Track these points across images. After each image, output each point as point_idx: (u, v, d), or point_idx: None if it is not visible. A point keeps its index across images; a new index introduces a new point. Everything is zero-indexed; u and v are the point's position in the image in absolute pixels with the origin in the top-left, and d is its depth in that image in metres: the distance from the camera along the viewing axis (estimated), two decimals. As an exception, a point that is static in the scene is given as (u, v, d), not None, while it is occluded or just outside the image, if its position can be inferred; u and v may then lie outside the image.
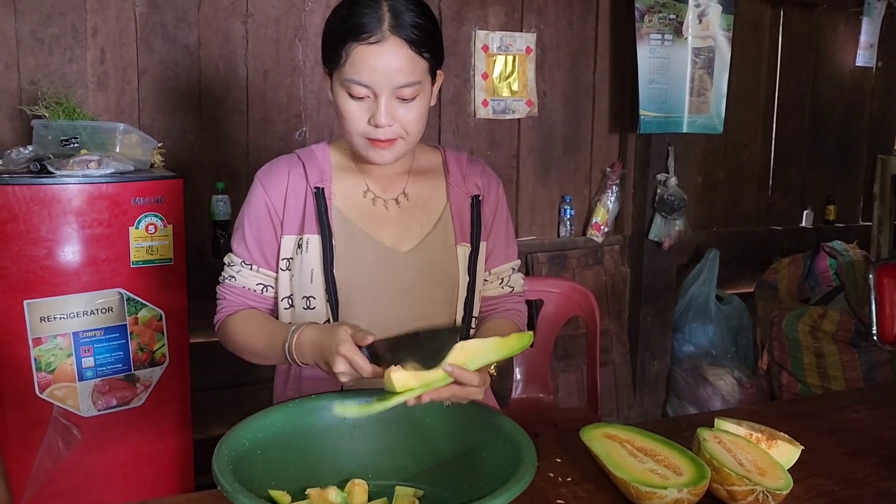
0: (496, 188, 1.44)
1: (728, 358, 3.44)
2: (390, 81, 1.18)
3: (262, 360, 1.32)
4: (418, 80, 1.21)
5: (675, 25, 3.12)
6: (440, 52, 1.26)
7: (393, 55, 1.17)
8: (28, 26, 2.44)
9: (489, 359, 1.10)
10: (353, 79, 1.19)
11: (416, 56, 1.19)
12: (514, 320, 1.44)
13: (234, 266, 1.35)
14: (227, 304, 1.36)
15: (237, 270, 1.35)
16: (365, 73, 1.18)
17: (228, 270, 1.36)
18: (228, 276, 1.36)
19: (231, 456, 1.02)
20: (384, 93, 1.19)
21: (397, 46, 1.18)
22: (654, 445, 1.21)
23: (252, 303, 1.36)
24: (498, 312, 1.44)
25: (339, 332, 1.10)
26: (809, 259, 3.47)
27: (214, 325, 1.38)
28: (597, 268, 3.39)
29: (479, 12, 3.07)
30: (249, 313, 1.35)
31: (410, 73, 1.19)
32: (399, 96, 1.20)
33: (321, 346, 1.13)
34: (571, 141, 3.33)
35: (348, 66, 1.19)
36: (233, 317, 1.35)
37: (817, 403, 1.66)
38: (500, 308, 1.45)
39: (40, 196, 1.96)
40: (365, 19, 1.17)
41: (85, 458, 2.07)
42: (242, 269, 1.34)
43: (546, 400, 2.62)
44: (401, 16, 1.18)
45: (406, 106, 1.22)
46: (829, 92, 3.98)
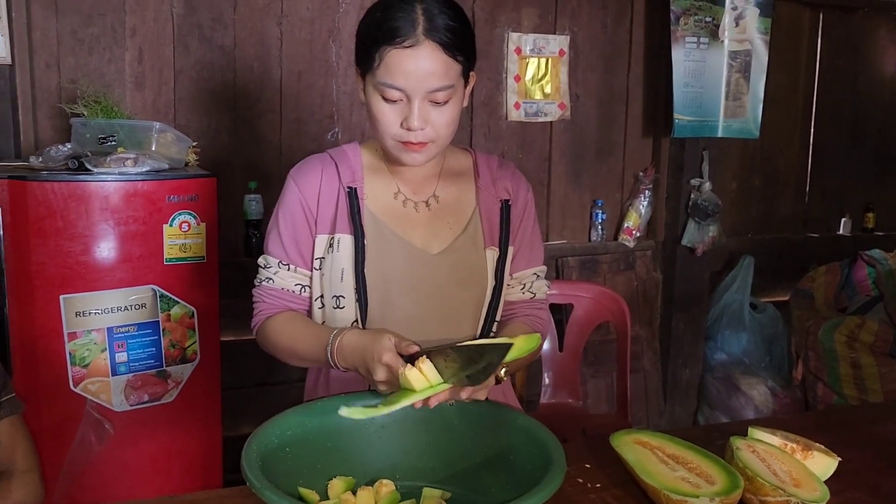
0: (525, 192, 1.43)
1: (762, 367, 3.38)
2: (424, 85, 1.18)
3: (303, 362, 1.32)
4: (451, 84, 1.21)
5: (712, 28, 3.08)
6: (473, 55, 1.26)
7: (427, 59, 1.17)
8: (69, 26, 2.49)
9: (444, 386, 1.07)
10: (386, 82, 1.19)
11: (449, 59, 1.19)
12: (534, 326, 1.43)
13: (271, 268, 1.35)
14: (266, 307, 1.35)
15: (274, 272, 1.34)
16: (399, 76, 1.18)
17: (264, 272, 1.36)
18: (265, 279, 1.35)
19: (260, 453, 1.02)
20: (417, 96, 1.19)
21: (431, 50, 1.17)
22: (686, 453, 1.18)
23: (291, 304, 1.35)
24: (518, 318, 1.43)
25: (383, 339, 1.10)
26: (847, 268, 3.40)
27: (252, 328, 1.38)
28: (628, 273, 3.35)
29: (513, 14, 3.06)
30: (289, 315, 1.34)
31: (444, 77, 1.19)
32: (432, 100, 1.20)
33: (363, 352, 1.13)
34: (604, 145, 3.30)
35: (382, 70, 1.19)
36: (272, 319, 1.34)
37: (853, 414, 1.62)
38: (520, 313, 1.43)
39: (78, 193, 1.99)
40: (399, 23, 1.17)
41: (116, 453, 2.09)
42: (280, 270, 1.34)
43: (575, 405, 2.60)
44: (435, 19, 1.18)
45: (439, 109, 1.21)
46: (869, 97, 3.89)
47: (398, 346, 1.09)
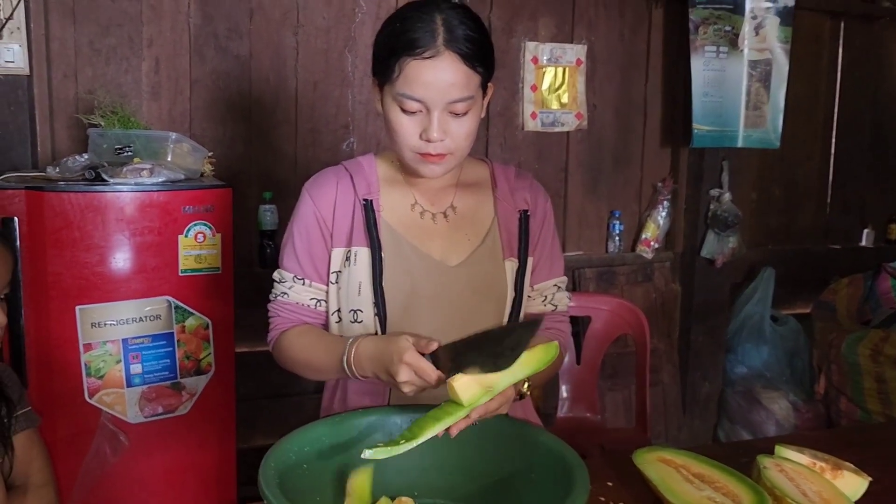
0: (544, 203, 1.41)
1: (783, 381, 3.32)
2: (444, 97, 1.16)
3: (320, 374, 1.30)
4: (471, 95, 1.19)
5: (731, 37, 3.05)
6: (492, 66, 1.24)
7: (447, 70, 1.15)
8: (86, 37, 2.50)
9: (516, 376, 1.06)
10: (406, 93, 1.17)
11: (469, 71, 1.17)
12: (555, 339, 1.39)
13: (286, 282, 1.33)
14: (281, 322, 1.34)
15: (289, 286, 1.33)
16: (419, 87, 1.16)
17: (279, 287, 1.34)
18: (280, 293, 1.34)
19: (278, 469, 1.00)
20: (437, 108, 1.17)
21: (452, 61, 1.16)
22: (712, 472, 1.15)
23: (306, 318, 1.34)
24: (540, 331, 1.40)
25: (400, 340, 1.07)
26: (870, 280, 3.34)
27: (268, 343, 1.37)
28: (646, 285, 3.31)
29: (529, 24, 3.04)
30: (304, 328, 1.32)
31: (464, 88, 1.17)
32: (452, 111, 1.18)
33: (381, 356, 1.10)
34: (621, 155, 3.27)
35: (401, 81, 1.17)
36: (287, 333, 1.33)
37: (882, 432, 1.58)
38: (543, 327, 1.39)
39: (94, 203, 1.99)
40: (419, 34, 1.15)
41: (130, 465, 2.08)
42: (295, 285, 1.32)
43: (593, 419, 2.56)
44: (455, 30, 1.16)
45: (458, 121, 1.19)
46: (891, 107, 3.84)
47: (417, 344, 1.06)
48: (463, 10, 1.20)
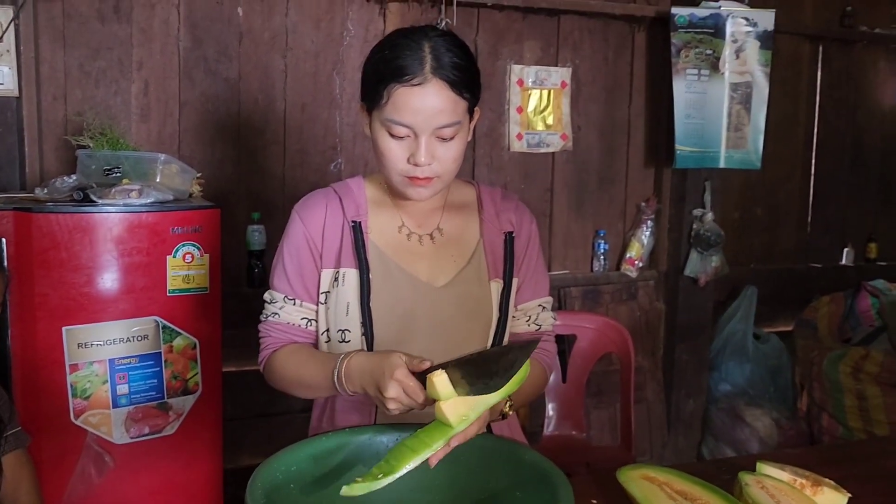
0: (529, 224, 1.43)
1: (766, 398, 3.35)
2: (431, 122, 1.19)
3: (311, 391, 1.31)
4: (458, 121, 1.22)
5: (712, 61, 3.11)
6: (479, 91, 1.27)
7: (435, 97, 1.18)
8: (76, 60, 2.52)
9: (495, 397, 1.06)
10: (394, 119, 1.20)
11: (456, 97, 1.20)
12: (539, 360, 1.41)
13: (277, 303, 1.35)
14: (272, 342, 1.35)
15: (280, 307, 1.34)
16: (407, 114, 1.19)
17: (270, 308, 1.36)
18: (271, 314, 1.36)
19: (265, 489, 1.01)
20: (425, 133, 1.20)
21: (439, 88, 1.18)
22: (694, 489, 1.17)
23: (297, 338, 1.35)
24: None
25: (392, 357, 1.08)
26: (850, 298, 3.39)
27: (259, 363, 1.38)
28: (631, 303, 3.34)
29: (515, 47, 3.09)
30: (295, 347, 1.34)
31: (451, 114, 1.20)
32: (439, 136, 1.21)
33: (372, 371, 1.11)
34: (606, 175, 3.32)
35: (390, 107, 1.20)
36: (278, 352, 1.34)
37: (862, 448, 1.61)
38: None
39: (82, 224, 2.00)
40: (407, 61, 1.18)
41: (116, 486, 2.07)
42: (286, 305, 1.34)
43: (578, 437, 2.57)
44: (442, 57, 1.19)
45: (445, 145, 1.22)
46: (870, 128, 3.92)
47: (409, 363, 1.07)
48: (451, 37, 1.23)
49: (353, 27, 2.83)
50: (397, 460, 1.01)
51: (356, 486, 0.98)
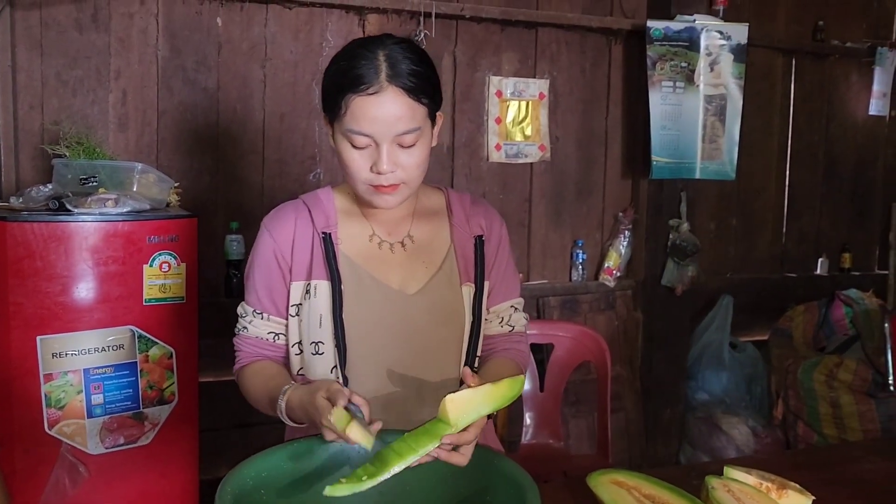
0: (499, 228, 1.45)
1: (742, 406, 3.38)
2: (391, 130, 1.20)
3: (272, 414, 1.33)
4: (418, 126, 1.23)
5: (687, 73, 3.16)
6: (438, 96, 1.28)
7: (392, 104, 1.19)
8: (54, 69, 2.52)
9: (481, 412, 1.08)
10: (353, 129, 1.21)
11: (414, 103, 1.21)
12: (515, 360, 1.43)
13: (247, 317, 1.37)
14: (243, 356, 1.38)
15: (249, 321, 1.37)
16: (365, 123, 1.20)
17: (242, 322, 1.38)
18: (242, 328, 1.38)
19: (234, 495, 1.02)
20: (385, 141, 1.21)
21: (396, 95, 1.20)
22: (662, 493, 1.19)
23: (265, 352, 1.37)
24: (497, 352, 1.43)
25: (318, 401, 1.10)
26: (825, 307, 3.44)
27: (234, 375, 1.41)
28: (609, 313, 3.37)
29: (493, 58, 3.12)
30: (256, 368, 1.36)
31: (410, 121, 1.21)
32: (400, 143, 1.22)
33: (307, 411, 1.14)
34: (584, 185, 3.35)
35: (348, 117, 1.21)
36: (245, 369, 1.37)
37: (830, 454, 1.63)
38: (499, 347, 1.44)
39: (57, 233, 1.99)
40: (362, 70, 1.19)
41: (91, 496, 2.05)
42: (254, 319, 1.36)
43: (556, 446, 2.59)
44: (397, 65, 1.20)
45: (408, 152, 1.23)
46: (843, 140, 3.98)
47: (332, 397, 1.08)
48: (407, 44, 1.25)
49: (333, 38, 2.85)
50: (383, 463, 1.03)
51: (340, 487, 1.00)
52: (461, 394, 1.07)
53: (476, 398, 1.08)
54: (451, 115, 3.08)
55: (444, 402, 1.06)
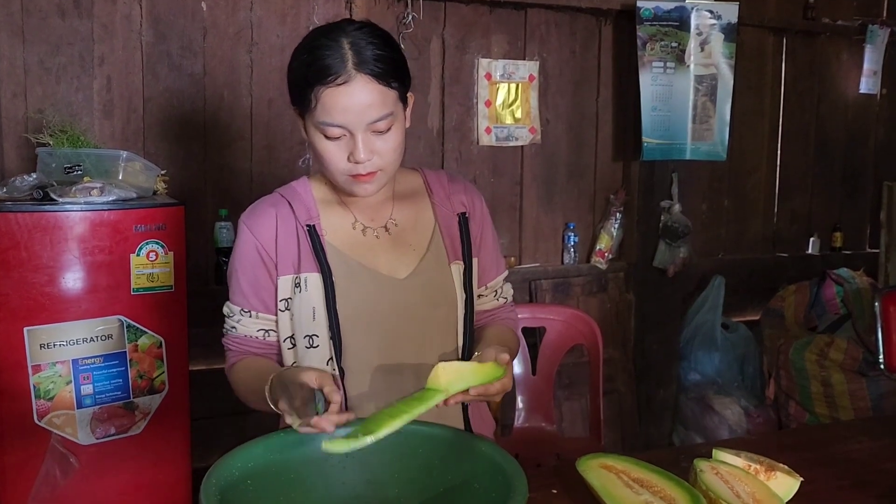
0: (480, 204, 1.45)
1: (734, 387, 3.40)
2: (363, 118, 1.18)
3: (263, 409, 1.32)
4: (390, 112, 1.21)
5: (678, 53, 3.14)
6: (407, 78, 1.26)
7: (362, 92, 1.17)
8: (36, 56, 2.48)
9: (467, 383, 1.10)
10: (326, 121, 1.19)
11: (384, 88, 1.19)
12: (513, 328, 1.50)
13: (234, 316, 1.35)
14: (233, 356, 1.37)
15: (237, 320, 1.35)
16: (337, 114, 1.18)
17: (229, 321, 1.37)
18: (230, 328, 1.37)
19: (220, 486, 1.01)
20: (359, 130, 1.19)
21: (365, 83, 1.17)
22: (651, 476, 1.19)
23: (255, 350, 1.36)
24: (497, 321, 1.48)
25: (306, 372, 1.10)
26: (816, 287, 3.44)
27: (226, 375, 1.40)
28: (601, 295, 3.37)
29: (482, 41, 3.10)
30: (244, 364, 1.35)
31: (382, 107, 1.19)
32: (374, 130, 1.20)
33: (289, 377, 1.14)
34: (575, 168, 3.34)
35: (319, 110, 1.19)
36: (235, 367, 1.36)
37: (819, 434, 1.64)
38: (498, 318, 1.48)
39: (42, 223, 1.97)
40: (328, 61, 1.17)
41: (83, 487, 2.05)
42: (242, 318, 1.34)
43: (549, 429, 2.59)
44: (363, 51, 1.18)
45: (383, 138, 1.22)
46: (834, 119, 3.97)
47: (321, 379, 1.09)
48: (369, 28, 1.22)
49: (320, 21, 2.81)
50: (376, 424, 1.02)
51: (338, 443, 0.99)
52: (452, 363, 1.09)
53: (465, 370, 1.10)
54: (441, 98, 3.06)
55: (435, 368, 1.07)
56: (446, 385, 1.07)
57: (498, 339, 1.39)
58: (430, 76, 3.02)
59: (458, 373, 1.09)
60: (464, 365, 1.11)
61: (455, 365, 1.10)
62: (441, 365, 1.08)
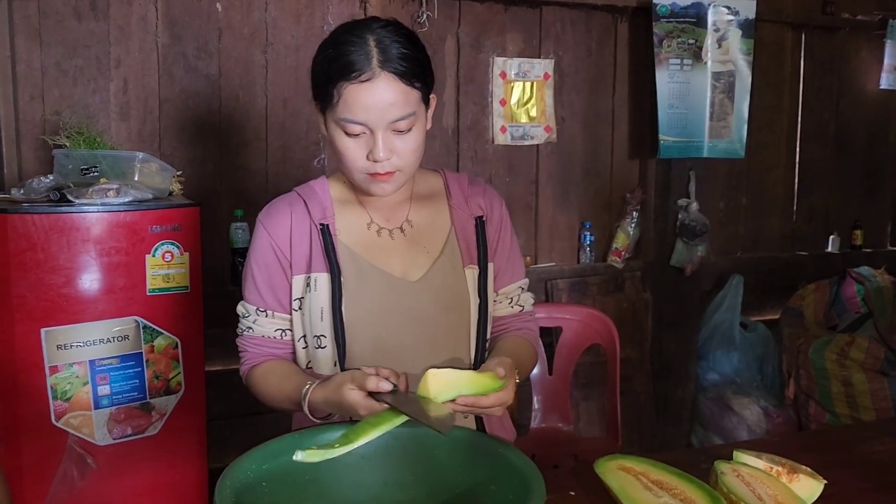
0: (499, 207, 1.42)
1: (753, 386, 3.36)
2: (385, 117, 1.18)
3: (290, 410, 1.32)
4: (412, 112, 1.20)
5: (695, 50, 3.11)
6: (431, 79, 1.25)
7: (385, 91, 1.16)
8: (54, 58, 2.50)
9: (458, 393, 1.08)
10: (347, 118, 1.18)
11: (407, 88, 1.18)
12: (528, 339, 1.43)
13: (250, 316, 1.34)
14: (250, 356, 1.36)
15: (253, 320, 1.34)
16: (359, 111, 1.17)
17: (245, 322, 1.35)
18: (245, 328, 1.35)
19: (235, 489, 1.00)
20: (380, 128, 1.18)
21: (389, 82, 1.16)
22: (670, 478, 1.17)
23: (273, 350, 1.35)
24: (511, 331, 1.43)
25: (348, 395, 1.09)
26: (836, 285, 3.40)
27: (241, 376, 1.39)
28: (618, 294, 3.34)
29: (497, 39, 3.08)
30: (268, 368, 1.33)
31: (405, 106, 1.18)
32: (395, 129, 1.19)
33: (340, 407, 1.13)
34: (591, 166, 3.31)
35: (341, 106, 1.18)
36: (255, 370, 1.35)
37: (842, 435, 1.61)
38: (512, 327, 1.43)
39: (59, 224, 1.98)
40: (353, 57, 1.16)
41: (100, 487, 2.06)
42: (258, 318, 1.34)
43: (565, 430, 2.57)
44: (388, 49, 1.17)
45: (403, 138, 1.21)
46: (854, 115, 3.92)
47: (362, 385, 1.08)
48: (395, 26, 1.21)
49: (334, 21, 2.81)
50: (356, 434, 1.03)
51: (311, 453, 1.00)
52: (444, 370, 1.07)
53: (458, 379, 1.08)
54: (456, 97, 3.04)
55: (426, 374, 1.06)
56: (435, 393, 1.06)
57: (510, 352, 1.34)
58: (444, 75, 3.01)
59: (450, 381, 1.07)
60: (457, 373, 1.08)
61: (447, 372, 1.07)
62: (432, 371, 1.06)
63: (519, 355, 1.34)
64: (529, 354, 1.41)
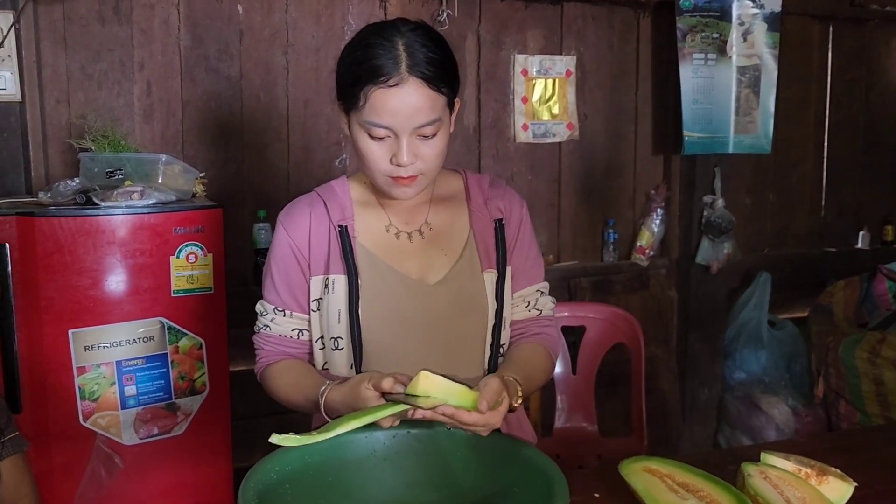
0: (519, 209, 1.40)
1: (782, 385, 3.31)
2: (411, 122, 1.17)
3: (305, 412, 1.32)
4: (438, 117, 1.19)
5: (719, 44, 3.07)
6: (456, 83, 1.24)
7: (412, 96, 1.16)
8: (78, 63, 2.52)
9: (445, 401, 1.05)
10: (373, 121, 1.18)
11: (434, 93, 1.18)
12: (544, 345, 1.40)
13: (268, 315, 1.35)
14: (266, 354, 1.36)
15: (271, 319, 1.34)
16: (385, 115, 1.16)
17: (262, 320, 1.36)
18: (263, 326, 1.36)
19: (258, 490, 1.01)
20: (405, 133, 1.18)
21: (416, 87, 1.16)
22: (696, 481, 1.16)
23: (289, 349, 1.35)
24: (526, 337, 1.40)
25: (363, 393, 1.09)
26: (866, 282, 3.33)
27: (256, 374, 1.39)
28: (642, 292, 3.31)
29: (518, 36, 3.06)
30: (284, 367, 1.34)
31: (431, 112, 1.18)
32: (420, 134, 1.19)
33: (355, 406, 1.12)
34: (614, 163, 3.28)
35: (367, 109, 1.17)
36: (271, 368, 1.35)
37: (872, 436, 1.58)
38: (529, 332, 1.40)
39: (85, 227, 2.00)
40: (381, 60, 1.15)
41: (127, 487, 2.08)
42: (276, 317, 1.34)
43: (590, 430, 2.55)
44: (417, 53, 1.16)
45: (427, 143, 1.20)
46: (884, 109, 3.84)
47: (378, 387, 1.08)
48: (424, 30, 1.20)
49: (354, 21, 2.81)
50: (338, 423, 1.04)
51: (287, 438, 1.02)
52: (437, 376, 1.06)
53: (448, 388, 1.05)
54: (477, 95, 3.03)
55: (418, 374, 1.05)
56: (422, 394, 1.04)
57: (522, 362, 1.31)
58: (465, 73, 3.00)
59: (438, 387, 1.05)
60: (449, 383, 1.06)
61: (440, 379, 1.05)
62: (424, 373, 1.05)
63: (531, 364, 1.32)
64: (543, 363, 1.37)
